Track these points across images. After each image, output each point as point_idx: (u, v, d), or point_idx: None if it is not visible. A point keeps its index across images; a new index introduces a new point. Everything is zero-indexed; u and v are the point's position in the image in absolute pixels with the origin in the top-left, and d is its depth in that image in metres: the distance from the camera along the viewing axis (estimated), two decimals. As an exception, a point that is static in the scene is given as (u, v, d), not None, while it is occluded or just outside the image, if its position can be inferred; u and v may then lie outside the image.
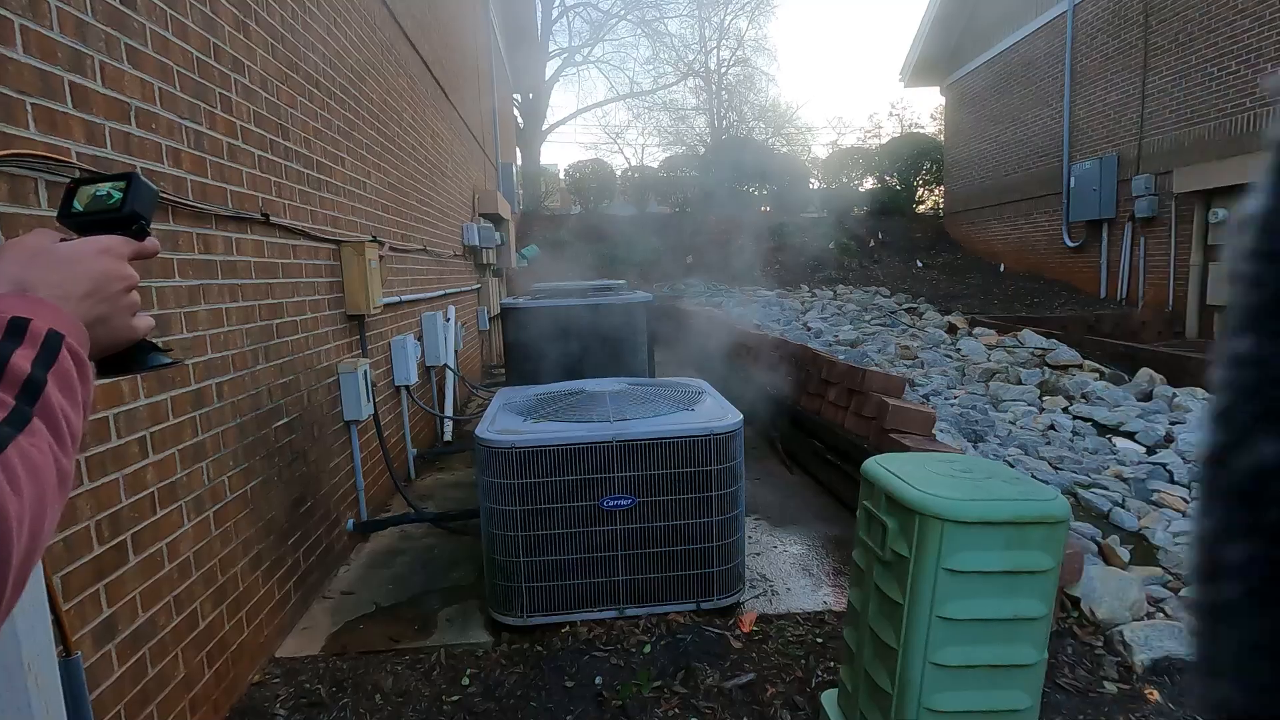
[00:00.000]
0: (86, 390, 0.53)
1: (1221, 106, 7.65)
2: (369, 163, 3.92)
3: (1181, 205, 8.24)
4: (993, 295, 10.86)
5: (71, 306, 0.56)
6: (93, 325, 0.58)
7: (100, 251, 0.60)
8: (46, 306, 0.52)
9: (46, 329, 0.50)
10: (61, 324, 0.52)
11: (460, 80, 7.77)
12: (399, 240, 4.50)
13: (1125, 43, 9.14)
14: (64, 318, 0.53)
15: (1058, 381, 4.92)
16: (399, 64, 4.79)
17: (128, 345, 0.63)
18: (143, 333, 0.64)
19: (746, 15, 24.37)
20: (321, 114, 3.19)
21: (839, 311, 9.21)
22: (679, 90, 25.30)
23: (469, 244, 7.47)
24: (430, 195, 5.68)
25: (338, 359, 3.25)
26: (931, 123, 29.97)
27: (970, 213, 13.66)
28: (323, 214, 3.13)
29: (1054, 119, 10.61)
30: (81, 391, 0.52)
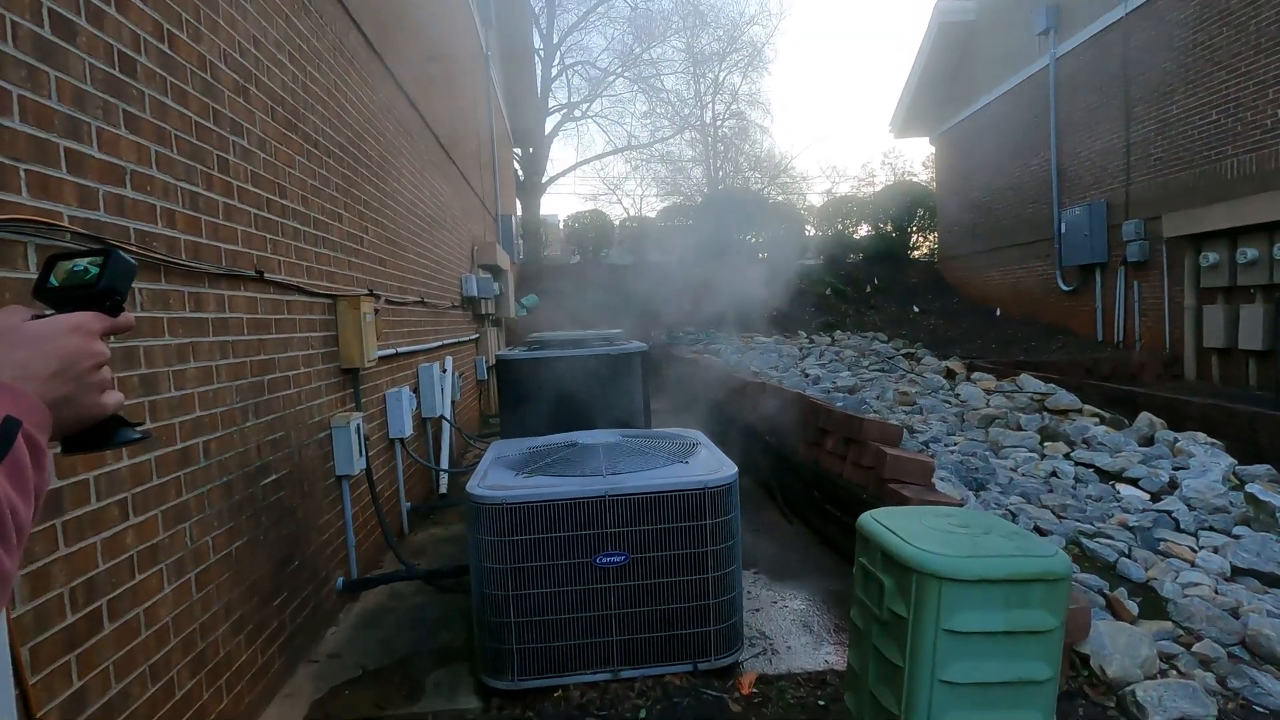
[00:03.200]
0: (42, 478, 0.52)
1: (1205, 154, 7.81)
2: (367, 218, 3.98)
3: (1172, 249, 8.33)
4: (990, 339, 10.88)
5: (36, 387, 0.55)
6: (59, 404, 0.57)
7: (71, 329, 0.59)
8: (5, 390, 0.51)
9: (2, 416, 0.49)
10: (20, 408, 0.51)
11: (460, 136, 7.96)
12: (396, 293, 4.53)
13: (1107, 95, 9.40)
14: (23, 401, 0.52)
15: (1058, 427, 4.89)
16: (399, 122, 4.91)
17: (96, 422, 0.62)
18: (111, 409, 0.63)
19: (740, 71, 25.14)
20: (320, 172, 3.25)
21: (837, 357, 9.22)
22: (675, 143, 25.91)
23: (468, 295, 7.53)
24: (428, 248, 5.75)
25: (330, 413, 3.23)
26: (924, 170, 30.62)
27: (964, 258, 13.82)
28: (319, 269, 3.16)
29: (1042, 167, 10.83)
30: (36, 480, 0.51)
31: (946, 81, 13.75)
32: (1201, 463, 3.98)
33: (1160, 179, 8.51)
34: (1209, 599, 2.62)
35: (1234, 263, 7.41)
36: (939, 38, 13.30)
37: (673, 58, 24.50)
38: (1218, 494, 3.59)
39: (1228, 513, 3.39)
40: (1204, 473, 3.87)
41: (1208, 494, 3.59)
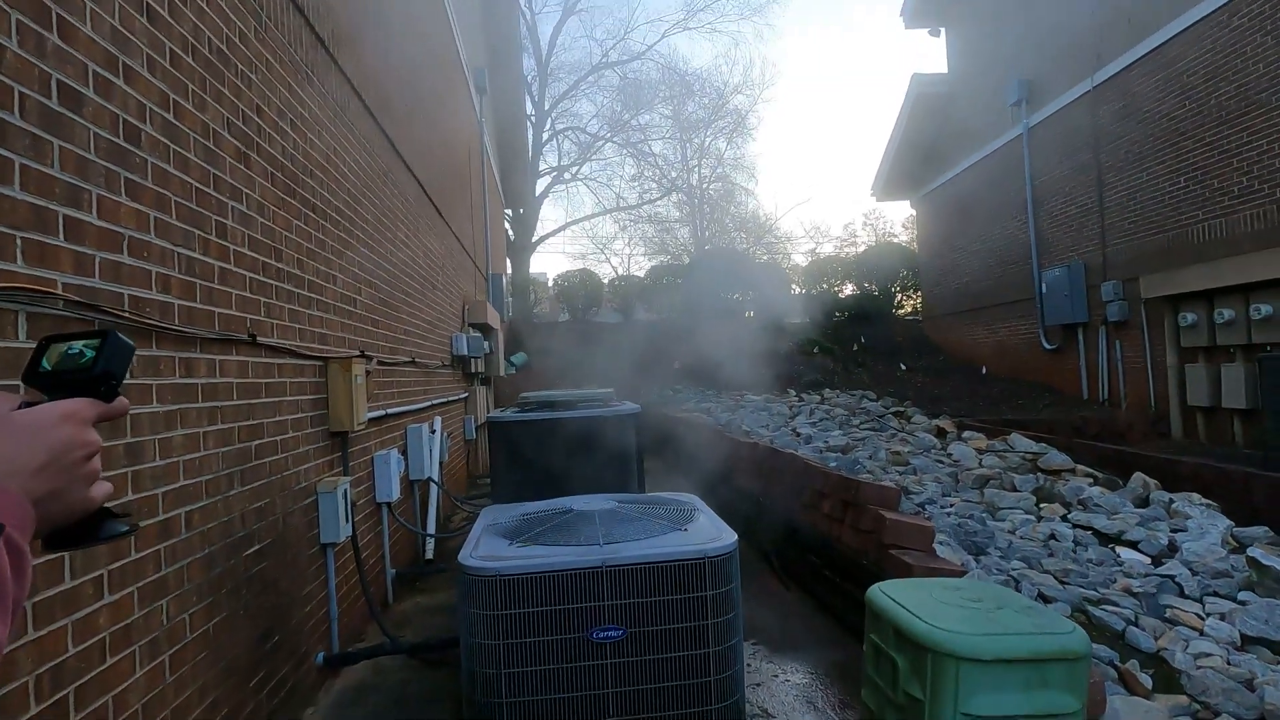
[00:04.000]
0: (22, 586, 0.48)
1: (1176, 219, 8.08)
2: (361, 280, 3.98)
3: (1151, 310, 8.51)
4: (978, 397, 10.96)
5: (21, 483, 0.51)
6: (45, 500, 0.53)
7: (62, 418, 0.56)
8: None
9: None
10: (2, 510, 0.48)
11: (454, 199, 8.09)
12: (387, 354, 4.50)
13: (1079, 162, 9.77)
14: (5, 499, 0.49)
15: (1053, 488, 4.86)
16: (395, 186, 4.98)
17: (83, 516, 0.59)
18: (100, 502, 0.59)
19: (725, 136, 26.02)
20: (316, 235, 3.26)
21: (827, 415, 9.21)
22: (663, 204, 26.55)
23: (458, 354, 7.50)
24: (420, 309, 5.75)
25: (318, 478, 3.15)
26: (904, 231, 31.48)
27: (949, 317, 14.04)
28: (311, 332, 3.13)
29: (1021, 230, 11.15)
30: (15, 590, 0.47)
31: (925, 148, 14.27)
32: (1199, 525, 3.95)
33: (1135, 242, 8.77)
34: (1222, 670, 2.55)
35: (1212, 323, 7.57)
36: (916, 107, 13.87)
37: (660, 124, 25.36)
38: (1219, 557, 3.55)
39: (1231, 577, 3.34)
40: (1203, 535, 3.84)
41: (1209, 557, 3.55)
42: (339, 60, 3.70)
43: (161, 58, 2.01)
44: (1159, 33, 8.19)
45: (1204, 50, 7.61)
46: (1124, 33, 8.75)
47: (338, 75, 3.70)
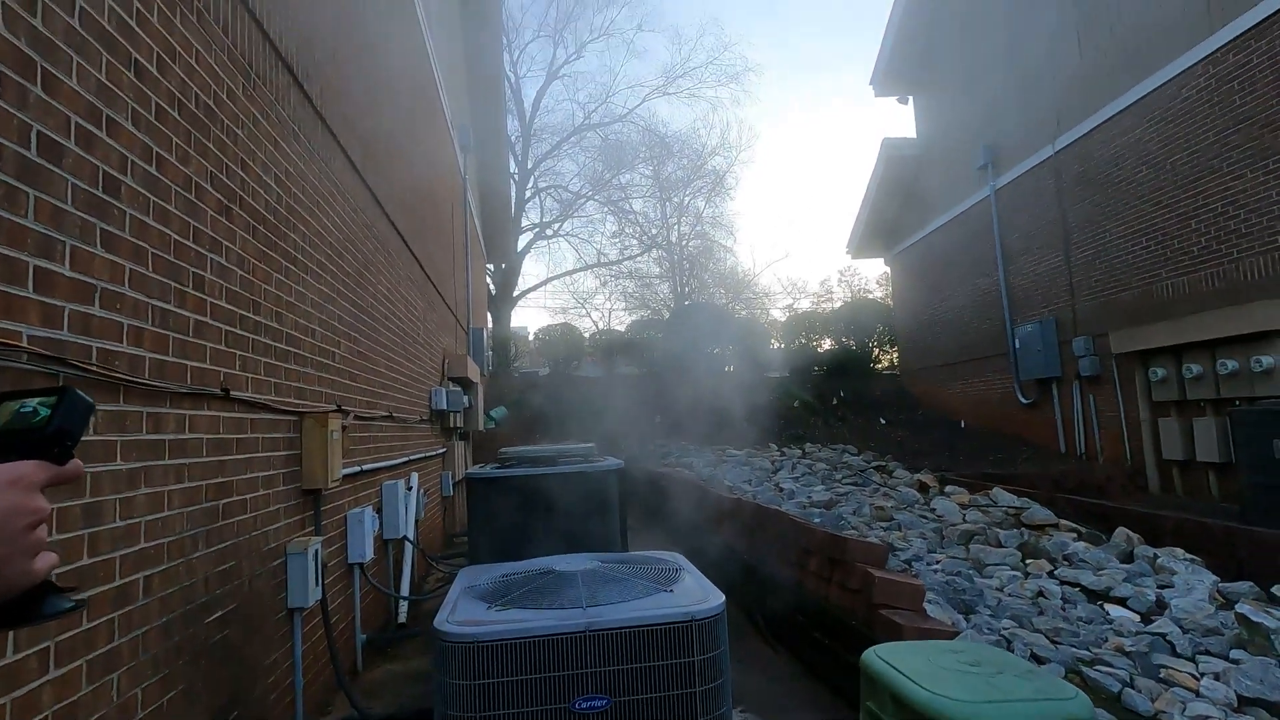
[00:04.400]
0: None
1: (1141, 277, 8.36)
2: (340, 333, 3.93)
3: (1121, 365, 8.70)
4: (957, 451, 11.00)
5: None
6: None
7: (7, 484, 0.52)
8: None
9: None
10: None
11: (437, 253, 8.13)
12: (364, 408, 4.41)
13: (1045, 222, 10.14)
14: None
15: (1038, 543, 4.83)
16: (378, 240, 4.99)
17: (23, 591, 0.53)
18: (43, 575, 0.54)
19: (704, 196, 26.69)
20: (296, 288, 3.23)
21: (809, 470, 9.17)
22: (644, 260, 26.95)
23: (437, 408, 7.39)
24: (400, 362, 5.68)
25: (288, 538, 3.02)
26: (879, 287, 32.17)
27: (926, 371, 14.23)
28: (287, 385, 3.06)
29: (992, 287, 11.44)
30: None
31: (897, 208, 14.74)
32: (1185, 580, 3.93)
33: (1103, 299, 9.03)
34: (1221, 734, 2.48)
35: (1182, 378, 7.74)
36: (887, 170, 14.39)
37: (640, 183, 25.99)
38: (1207, 614, 3.52)
39: (1221, 634, 3.30)
40: (1189, 591, 3.81)
41: (1197, 614, 3.52)
42: (326, 117, 3.75)
43: (147, 112, 2.01)
44: (1113, 103, 8.65)
45: (1156, 120, 8.03)
46: (1081, 101, 9.23)
47: (324, 131, 3.74)
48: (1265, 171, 6.78)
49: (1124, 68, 8.47)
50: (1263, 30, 6.76)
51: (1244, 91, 6.96)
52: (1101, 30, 8.89)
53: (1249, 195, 6.96)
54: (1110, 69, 8.72)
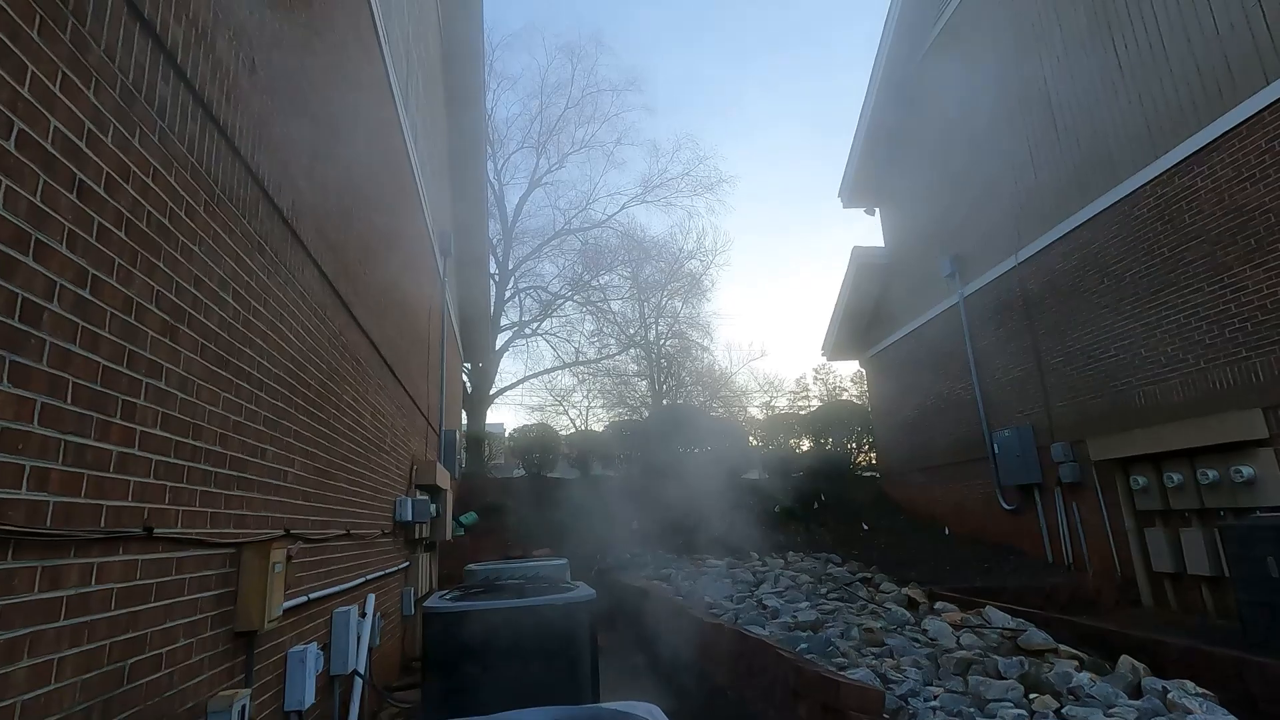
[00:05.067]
0: None
1: (1113, 384, 8.44)
2: (295, 450, 3.69)
3: (1102, 472, 8.63)
4: (943, 560, 10.67)
5: None
6: None
7: None
8: None
9: None
10: None
11: (410, 356, 7.99)
12: (318, 529, 4.09)
13: (1014, 330, 10.35)
14: None
15: (1040, 674, 4.51)
16: (346, 348, 4.84)
17: None
18: None
19: (681, 297, 27.28)
20: (247, 406, 3.02)
21: (793, 583, 8.76)
22: (621, 359, 27.11)
23: (401, 520, 7.00)
24: (363, 474, 5.39)
25: (210, 694, 2.65)
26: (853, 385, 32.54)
27: (905, 475, 14.07)
28: (226, 514, 2.79)
29: (967, 390, 11.51)
30: None
31: (869, 313, 15.07)
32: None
33: (1077, 405, 9.08)
34: None
35: (1164, 486, 7.67)
36: (858, 277, 14.82)
37: (619, 284, 26.56)
38: (1232, 764, 3.22)
39: (1251, 791, 3.00)
40: (1208, 734, 3.52)
41: (1221, 764, 3.22)
42: (297, 230, 3.68)
43: (86, 233, 1.88)
44: (1069, 219, 9.06)
45: (1112, 235, 8.39)
46: (1039, 216, 9.67)
47: (294, 245, 3.66)
48: (1221, 285, 7.01)
49: (1077, 186, 8.94)
50: (1201, 158, 7.20)
51: (1191, 211, 7.32)
52: (1053, 150, 9.45)
53: (1208, 308, 7.16)
54: (1064, 186, 9.20)
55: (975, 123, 11.29)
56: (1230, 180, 6.87)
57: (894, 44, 13.04)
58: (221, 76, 2.75)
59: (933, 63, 12.62)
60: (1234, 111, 6.79)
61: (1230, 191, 6.87)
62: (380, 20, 6.16)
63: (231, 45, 2.86)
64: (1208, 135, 7.09)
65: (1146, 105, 7.90)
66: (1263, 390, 6.57)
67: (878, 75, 13.53)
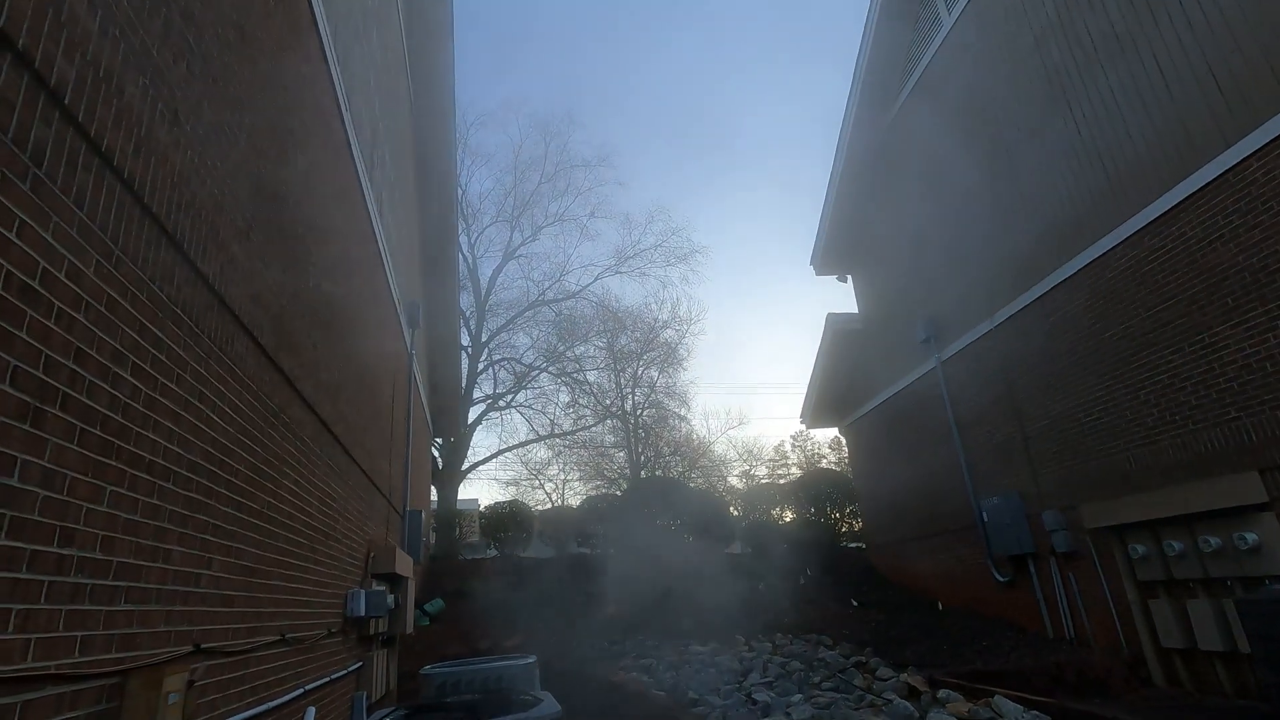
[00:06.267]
0: None
1: (1101, 448, 8.21)
2: (213, 547, 3.19)
3: (1097, 540, 8.28)
4: (938, 638, 10.08)
5: None
6: None
7: None
8: None
9: None
10: None
11: (368, 434, 7.49)
12: (243, 637, 3.53)
13: (994, 394, 10.17)
14: None
15: (1066, 782, 4.02)
16: (288, 427, 4.38)
17: None
18: None
19: (657, 366, 27.06)
20: (145, 501, 2.56)
21: (783, 671, 8.13)
22: (598, 430, 26.54)
23: (353, 615, 6.33)
24: (307, 568, 4.82)
25: None
26: (831, 452, 32.21)
27: (892, 545, 13.59)
28: (105, 637, 2.29)
29: (951, 456, 11.22)
30: None
31: (846, 380, 14.92)
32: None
33: (1065, 470, 8.81)
34: None
35: (1164, 555, 7.32)
36: (834, 344, 14.74)
37: (594, 355, 26.29)
38: None
39: None
40: None
41: None
42: (225, 298, 3.31)
43: (-98, 295, 1.50)
44: (1043, 281, 9.05)
45: (1086, 297, 8.35)
46: (1013, 279, 9.66)
47: (221, 313, 3.29)
48: (1201, 346, 6.91)
49: (1047, 249, 8.97)
50: (1170, 218, 7.24)
51: (1165, 272, 7.30)
52: (1023, 214, 9.54)
53: (1190, 369, 7.03)
54: (1036, 249, 9.24)
55: (945, 188, 11.48)
56: (1200, 241, 6.88)
57: (859, 110, 13.36)
58: (131, 125, 2.44)
59: (899, 129, 12.95)
60: (1196, 175, 6.87)
61: (1202, 252, 6.87)
62: (340, 86, 6.01)
63: (147, 95, 2.57)
64: (1173, 198, 7.14)
65: (1110, 170, 8.01)
66: (1256, 451, 6.36)
67: (844, 141, 13.83)
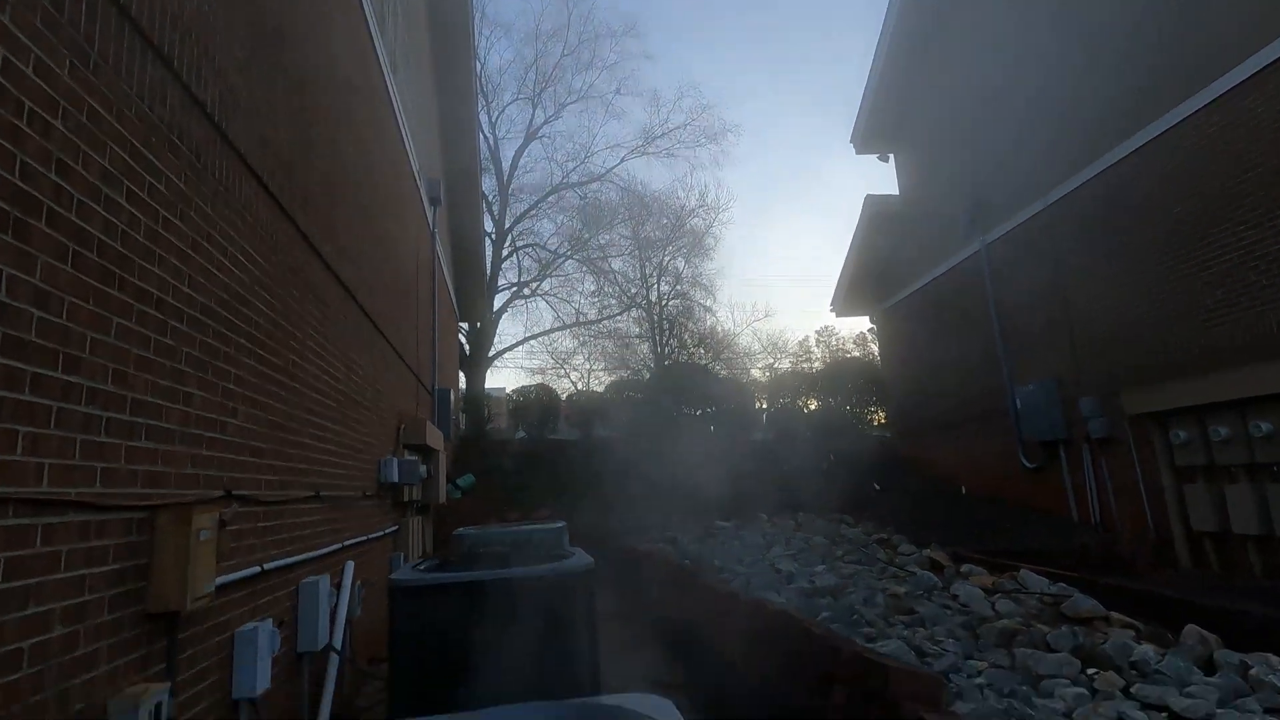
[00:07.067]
0: None
1: (1152, 332, 7.83)
2: (238, 397, 3.12)
3: (1136, 427, 8.07)
4: (960, 521, 10.21)
5: None
6: None
7: None
8: None
9: None
10: None
11: (396, 309, 7.38)
12: (275, 489, 3.55)
13: (1041, 278, 9.68)
14: None
15: (1096, 647, 4.01)
16: (308, 288, 4.23)
17: None
18: None
19: (684, 256, 26.47)
20: (159, 339, 2.44)
21: (806, 545, 8.30)
22: (623, 320, 26.43)
23: (387, 481, 6.49)
24: (338, 432, 4.84)
25: (112, 691, 2.12)
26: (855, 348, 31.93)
27: (919, 433, 13.56)
28: (129, 471, 2.23)
29: (989, 344, 10.90)
30: None
31: (883, 265, 14.37)
32: (1300, 704, 3.14)
33: (1110, 356, 8.48)
34: None
35: (1208, 440, 7.11)
36: (871, 227, 14.09)
37: (619, 243, 25.71)
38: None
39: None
40: (1309, 719, 3.02)
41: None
42: (228, 133, 3.05)
43: None
44: (1106, 156, 8.33)
45: (1154, 172, 7.67)
46: (1074, 152, 8.92)
47: (225, 151, 3.03)
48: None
49: (1121, 115, 8.18)
50: (1262, 80, 6.47)
51: (1250, 139, 6.61)
52: (1088, 83, 8.66)
53: (1265, 245, 6.51)
54: (1100, 121, 8.45)
55: (1002, 56, 10.45)
56: (1299, 101, 6.16)
57: (913, -28, 12.06)
58: (94, -97, 2.10)
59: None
60: (1308, 21, 6.04)
61: (1299, 113, 6.16)
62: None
63: None
64: (1266, 57, 6.35)
65: (1195, 28, 7.11)
66: (1328, 334, 5.96)
67: (894, 8, 12.58)
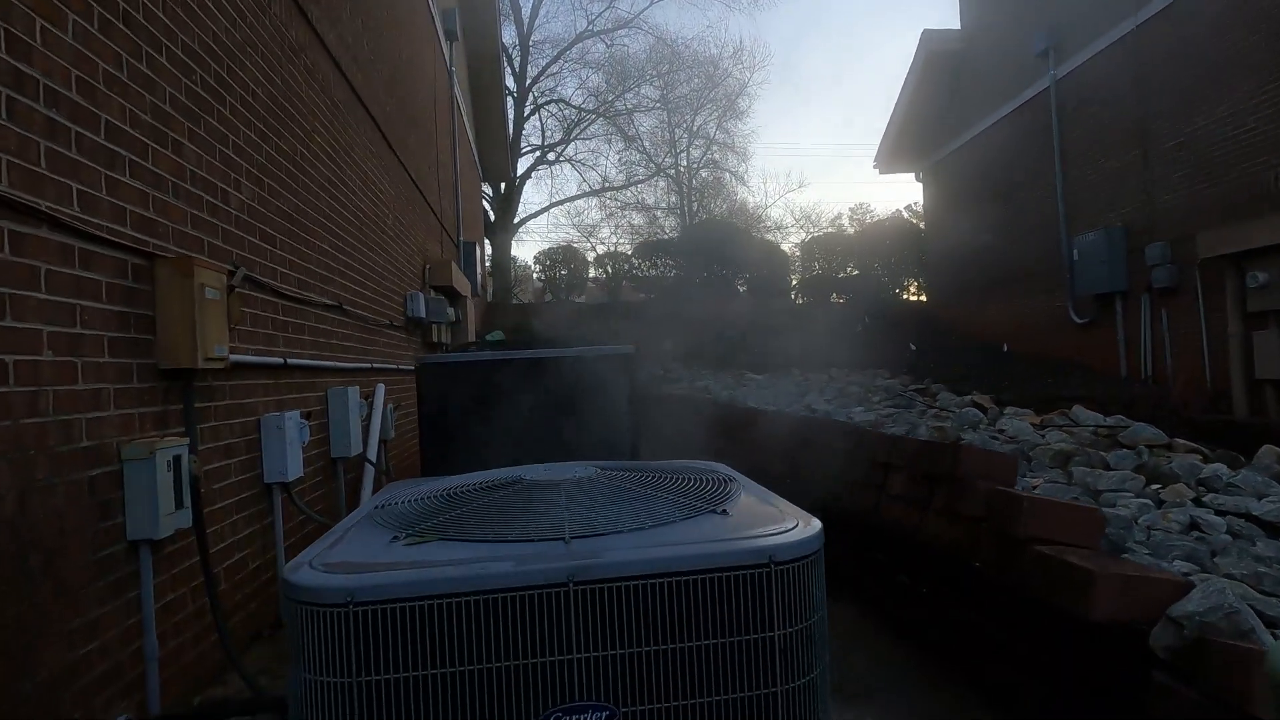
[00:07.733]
0: None
1: (1241, 166, 7.07)
2: (240, 169, 2.82)
3: (1207, 271, 7.50)
4: (1002, 376, 9.93)
5: None
6: None
7: None
8: None
9: None
10: None
11: (413, 142, 6.91)
12: (290, 285, 3.33)
13: (1118, 113, 8.74)
14: None
15: (1160, 466, 3.79)
16: (312, 74, 3.80)
17: None
18: None
19: (716, 119, 24.85)
20: (133, 64, 2.09)
21: (841, 393, 8.14)
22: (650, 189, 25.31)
23: (414, 315, 6.34)
24: (356, 246, 4.58)
25: (123, 437, 1.98)
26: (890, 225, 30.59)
27: (959, 295, 13.04)
28: (110, 204, 1.97)
29: (1047, 194, 10.11)
30: None
31: (936, 112, 13.22)
32: (1397, 509, 2.90)
33: (1188, 196, 7.76)
34: None
35: (1290, 282, 6.57)
36: (926, 67, 12.83)
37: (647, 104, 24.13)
38: None
39: None
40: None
41: None
42: None
43: None
44: (1221, -46, 7.17)
45: (1281, -34, 6.59)
46: (1179, -43, 7.72)
47: None
48: None
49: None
50: None
51: None
52: None
53: (1402, 51, 5.62)
54: (1220, -89, 7.20)
55: None
56: None
57: None
58: None
59: None
60: None
61: None
62: None
63: None
64: None
65: None
66: None
67: None
